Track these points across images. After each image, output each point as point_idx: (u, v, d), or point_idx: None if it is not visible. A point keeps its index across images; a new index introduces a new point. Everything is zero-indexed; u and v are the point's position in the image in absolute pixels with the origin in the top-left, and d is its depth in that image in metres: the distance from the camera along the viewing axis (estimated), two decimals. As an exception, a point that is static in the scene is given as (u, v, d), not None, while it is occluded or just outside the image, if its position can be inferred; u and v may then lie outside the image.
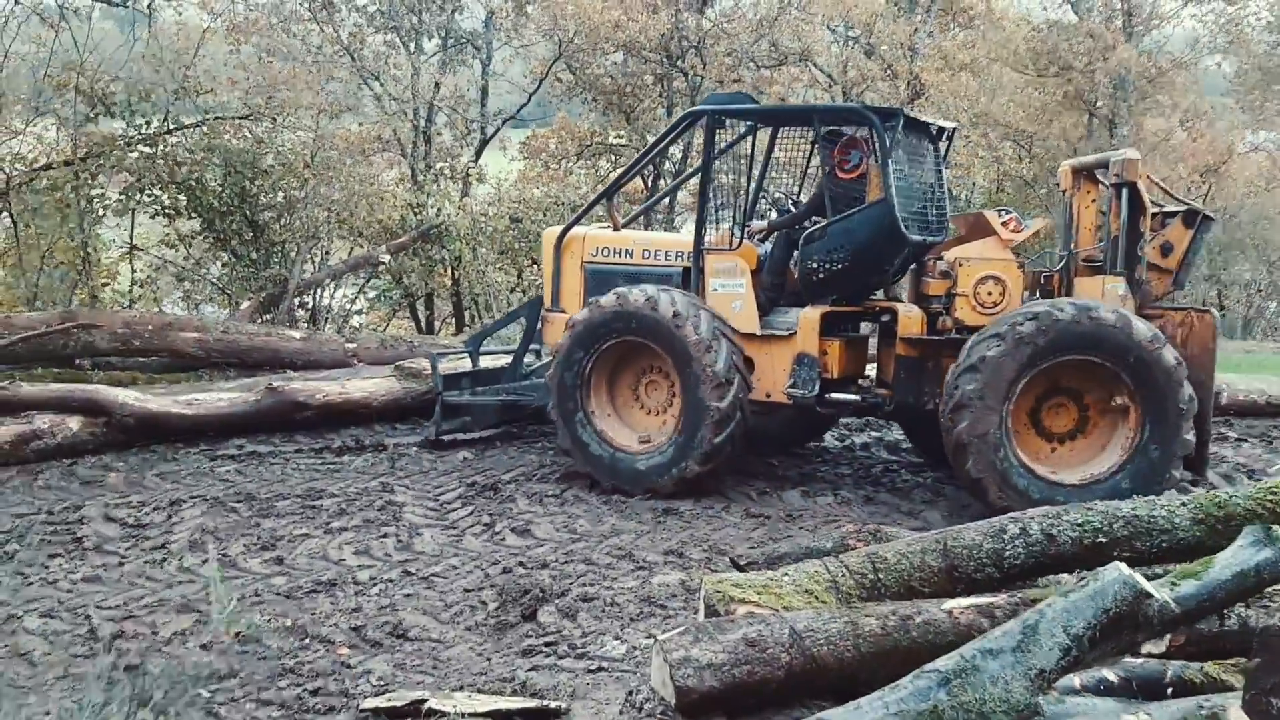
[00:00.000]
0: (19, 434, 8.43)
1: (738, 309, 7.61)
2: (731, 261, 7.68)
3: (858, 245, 7.36)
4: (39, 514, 7.07)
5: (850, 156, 7.53)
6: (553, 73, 23.19)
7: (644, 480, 7.38)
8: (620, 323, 7.47)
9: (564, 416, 7.66)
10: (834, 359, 7.52)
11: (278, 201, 16.21)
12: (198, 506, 7.18)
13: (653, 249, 8.16)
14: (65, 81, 15.37)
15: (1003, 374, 6.68)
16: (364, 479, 7.86)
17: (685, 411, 7.30)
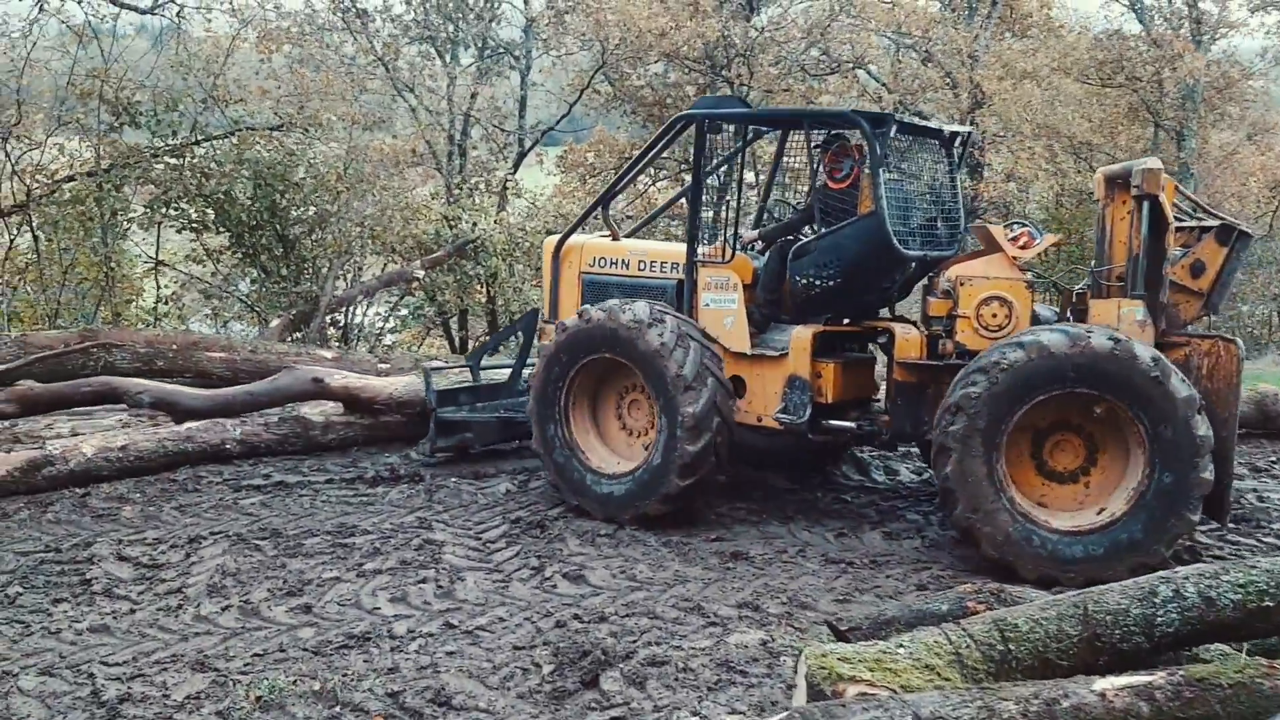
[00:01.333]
0: (30, 460, 7.95)
1: (729, 325, 7.26)
2: (724, 275, 7.33)
3: (849, 260, 7.00)
4: (46, 551, 6.58)
5: (841, 164, 7.17)
6: (591, 85, 22.76)
7: (628, 503, 7.01)
8: (588, 340, 7.17)
9: (544, 442, 7.41)
10: (829, 382, 7.09)
11: (309, 216, 15.82)
12: (219, 544, 6.67)
13: (648, 260, 7.84)
14: (89, 90, 15.10)
15: (989, 413, 6.12)
16: (399, 513, 7.32)
17: (660, 424, 6.93)
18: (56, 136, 15.63)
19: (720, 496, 7.70)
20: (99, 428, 9.42)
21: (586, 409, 7.49)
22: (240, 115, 16.14)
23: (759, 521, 7.20)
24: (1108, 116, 23.90)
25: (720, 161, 7.85)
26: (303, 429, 9.17)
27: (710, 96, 8.91)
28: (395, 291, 19.07)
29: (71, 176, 15.41)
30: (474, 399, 8.88)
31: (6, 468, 7.81)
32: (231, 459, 8.65)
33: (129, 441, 8.37)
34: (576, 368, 7.28)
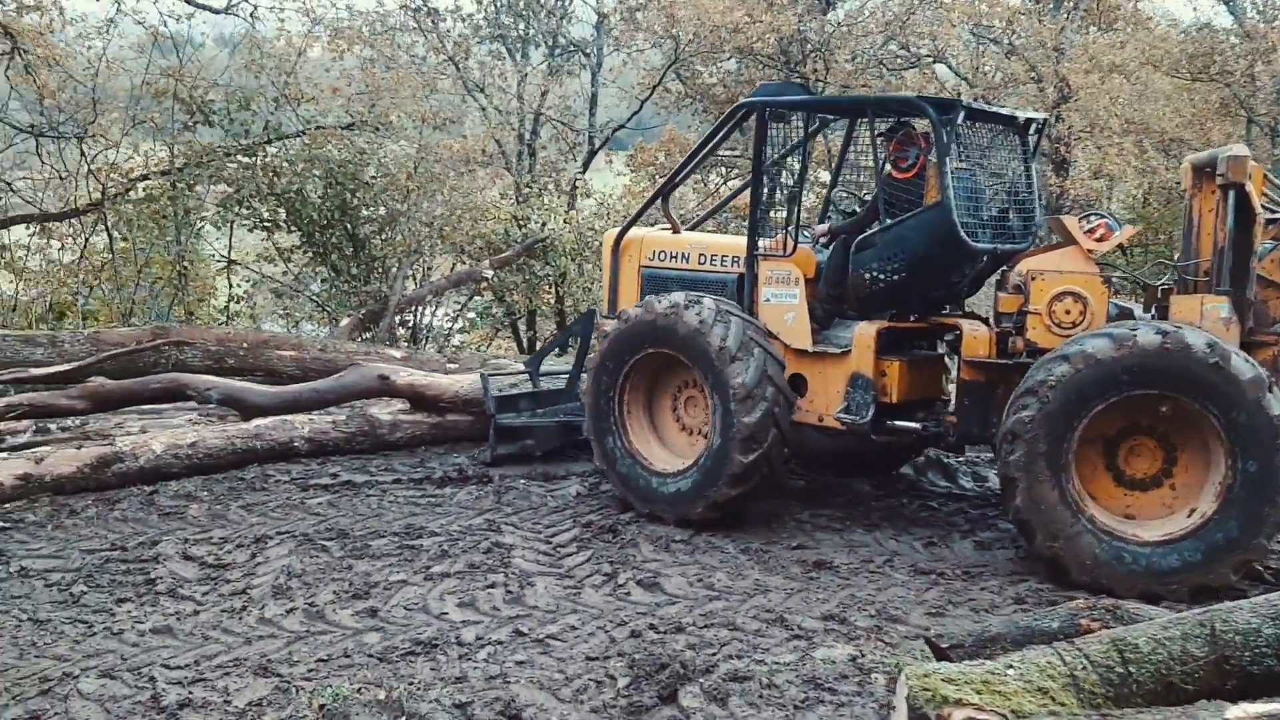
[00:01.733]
0: (99, 456, 7.93)
1: (790, 321, 7.04)
2: (785, 269, 7.10)
3: (913, 253, 6.72)
4: (112, 549, 6.51)
5: (906, 153, 6.92)
6: (662, 83, 22.53)
7: (676, 505, 6.87)
8: (648, 334, 7.02)
9: (597, 437, 7.29)
10: (893, 381, 6.82)
11: (379, 215, 15.79)
12: (285, 544, 6.55)
13: (709, 253, 7.64)
14: (164, 90, 15.24)
15: (1048, 435, 5.81)
16: (468, 515, 7.15)
17: (715, 429, 6.74)
18: (131, 136, 15.81)
19: (801, 502, 7.43)
20: (169, 426, 9.40)
21: (642, 402, 7.35)
22: (312, 115, 16.20)
23: (842, 529, 6.90)
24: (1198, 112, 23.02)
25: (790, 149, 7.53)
26: (370, 428, 9.10)
27: (772, 84, 8.58)
28: (464, 291, 19.01)
29: (145, 176, 15.59)
30: (534, 405, 8.78)
31: (76, 464, 7.80)
32: (299, 457, 8.59)
33: (198, 439, 8.35)
34: (633, 361, 7.14)
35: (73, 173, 15.81)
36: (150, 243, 15.47)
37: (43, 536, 6.81)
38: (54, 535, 6.84)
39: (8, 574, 6.10)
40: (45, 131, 15.96)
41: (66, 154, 16.38)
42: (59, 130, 15.90)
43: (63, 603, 5.69)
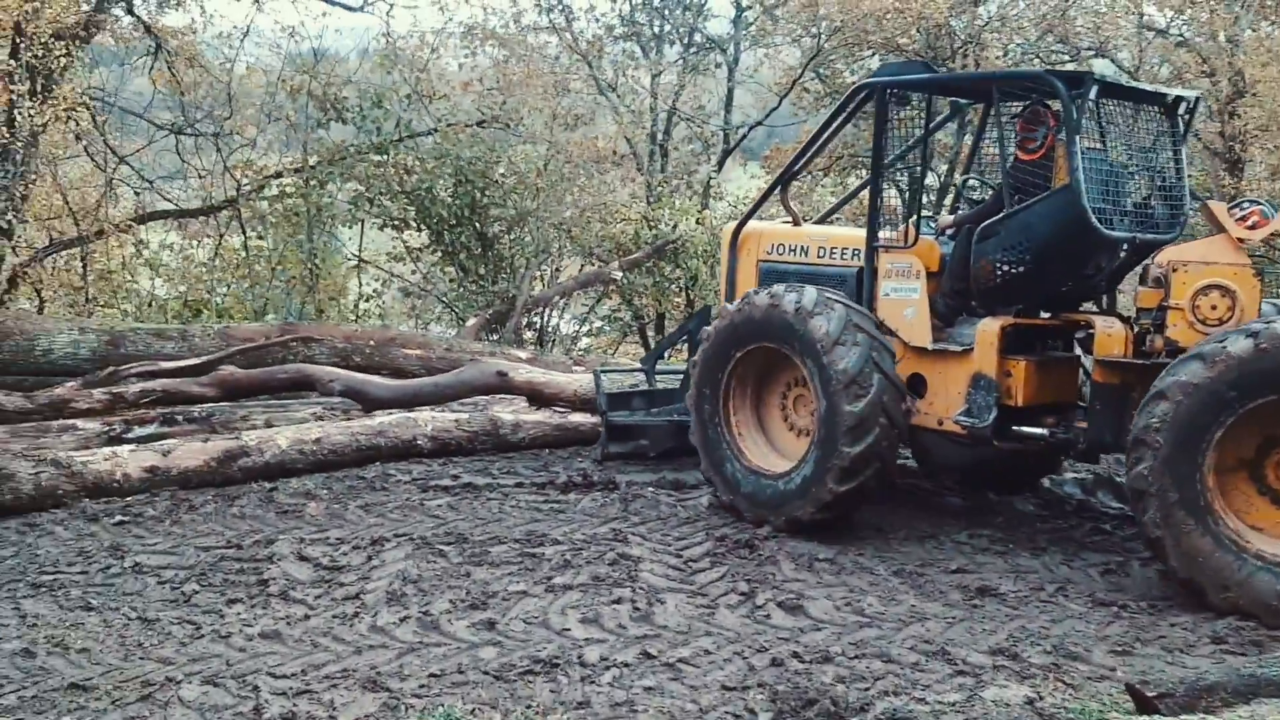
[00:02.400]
0: (226, 450, 7.88)
1: (909, 317, 6.70)
2: (906, 261, 6.75)
3: (1040, 241, 6.26)
4: (228, 547, 6.34)
5: (1035, 133, 6.45)
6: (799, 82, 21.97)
7: (781, 506, 6.52)
8: (751, 329, 6.74)
9: (701, 438, 7.07)
10: (1019, 382, 6.33)
11: (508, 214, 15.66)
12: (402, 547, 6.27)
13: (829, 246, 7.34)
14: (298, 87, 15.40)
15: (1202, 406, 5.20)
16: (592, 523, 6.77)
17: (820, 422, 6.37)
18: (266, 133, 16.05)
19: (958, 522, 6.86)
20: (293, 420, 9.33)
21: (749, 402, 7.08)
22: (443, 113, 16.18)
23: (1005, 552, 6.29)
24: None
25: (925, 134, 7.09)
26: (493, 428, 8.91)
27: (894, 63, 8.09)
28: (592, 294, 18.79)
29: (279, 173, 15.78)
30: (647, 404, 8.63)
31: (203, 458, 7.77)
32: (422, 456, 8.43)
33: (323, 434, 8.28)
34: (737, 357, 6.89)
35: (210, 170, 16.12)
36: (283, 241, 15.65)
37: (160, 531, 6.70)
38: (171, 530, 6.72)
39: (122, 569, 5.97)
40: (184, 129, 16.34)
41: (204, 152, 16.76)
42: (196, 128, 16.26)
43: (173, 601, 5.52)
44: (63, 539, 6.57)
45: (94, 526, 6.81)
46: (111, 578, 5.87)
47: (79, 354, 10.30)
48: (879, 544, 6.37)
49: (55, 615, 5.34)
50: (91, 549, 6.33)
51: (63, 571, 5.99)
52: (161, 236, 16.98)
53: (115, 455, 7.57)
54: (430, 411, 9.05)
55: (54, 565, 6.08)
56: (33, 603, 5.52)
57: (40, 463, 7.26)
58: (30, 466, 7.19)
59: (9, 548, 6.43)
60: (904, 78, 6.95)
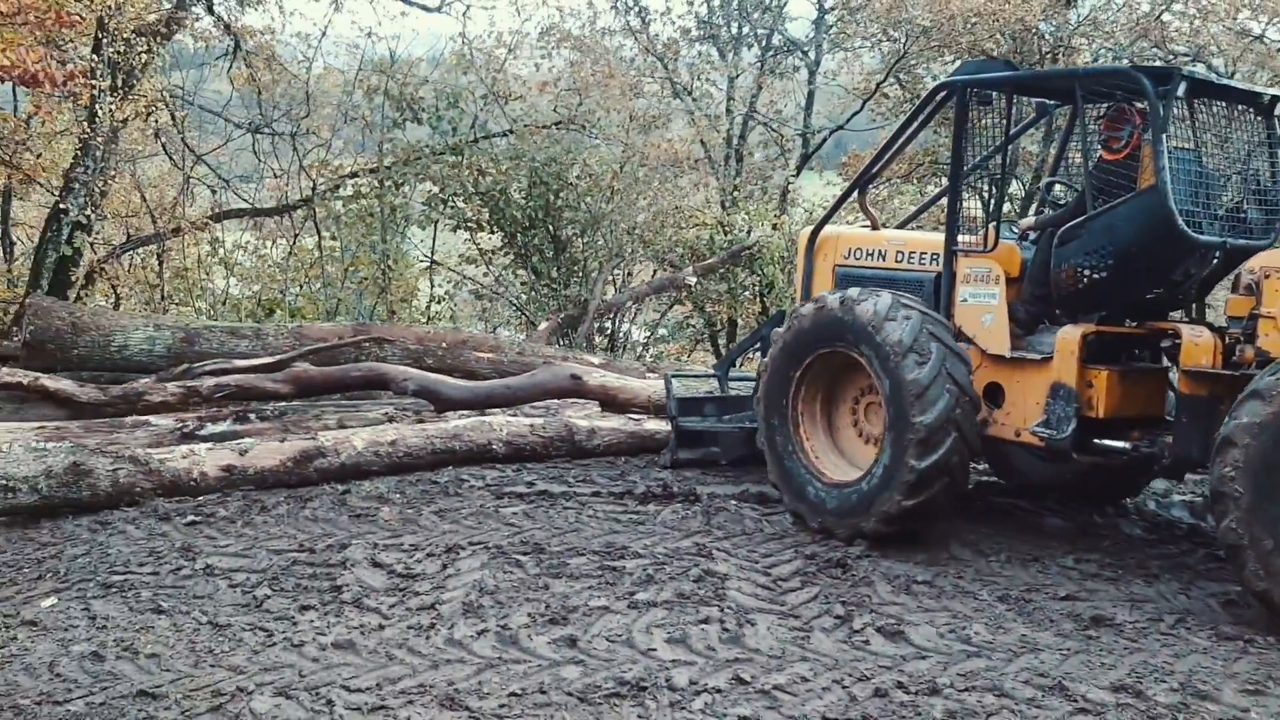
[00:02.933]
0: (302, 451, 7.77)
1: (987, 324, 6.50)
2: (985, 266, 6.56)
3: (1123, 245, 6.03)
4: (300, 551, 6.21)
5: (1120, 132, 6.22)
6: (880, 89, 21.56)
7: (845, 516, 6.37)
8: (823, 331, 6.58)
9: (769, 444, 6.90)
10: (1101, 393, 6.08)
11: (582, 216, 15.50)
12: (477, 556, 6.08)
13: (907, 250, 7.20)
14: (375, 87, 15.40)
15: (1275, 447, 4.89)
16: (674, 536, 6.53)
17: (889, 432, 6.17)
18: (342, 133, 16.09)
19: (1061, 544, 6.51)
20: (365, 421, 9.23)
21: (819, 408, 6.95)
22: (519, 114, 16.09)
23: (1116, 579, 5.93)
24: None
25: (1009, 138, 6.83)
26: (568, 433, 8.74)
27: (974, 61, 7.89)
28: (665, 300, 18.56)
29: (354, 173, 15.79)
30: (720, 409, 8.46)
31: (279, 457, 7.69)
32: (496, 461, 8.29)
33: (398, 437, 8.18)
34: (807, 361, 6.75)
35: (285, 170, 16.20)
36: (357, 241, 15.66)
37: (232, 533, 6.59)
38: (243, 532, 6.61)
39: (193, 571, 5.86)
40: (261, 128, 16.44)
41: (280, 152, 16.87)
42: (273, 128, 16.35)
43: (245, 606, 5.38)
44: (134, 538, 6.49)
45: (165, 526, 6.72)
46: (182, 580, 5.76)
47: (154, 350, 10.32)
48: (979, 566, 6.04)
49: (125, 617, 5.23)
50: (163, 549, 6.24)
51: (133, 572, 5.89)
52: (236, 236, 17.10)
53: (193, 453, 7.52)
54: (505, 416, 8.89)
55: (125, 565, 5.99)
56: (103, 603, 5.42)
57: (118, 459, 7.22)
58: (108, 463, 7.15)
59: (80, 545, 6.37)
60: (985, 76, 6.76)
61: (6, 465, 6.90)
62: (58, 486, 6.91)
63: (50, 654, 4.78)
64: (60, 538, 6.60)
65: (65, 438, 8.23)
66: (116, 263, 15.36)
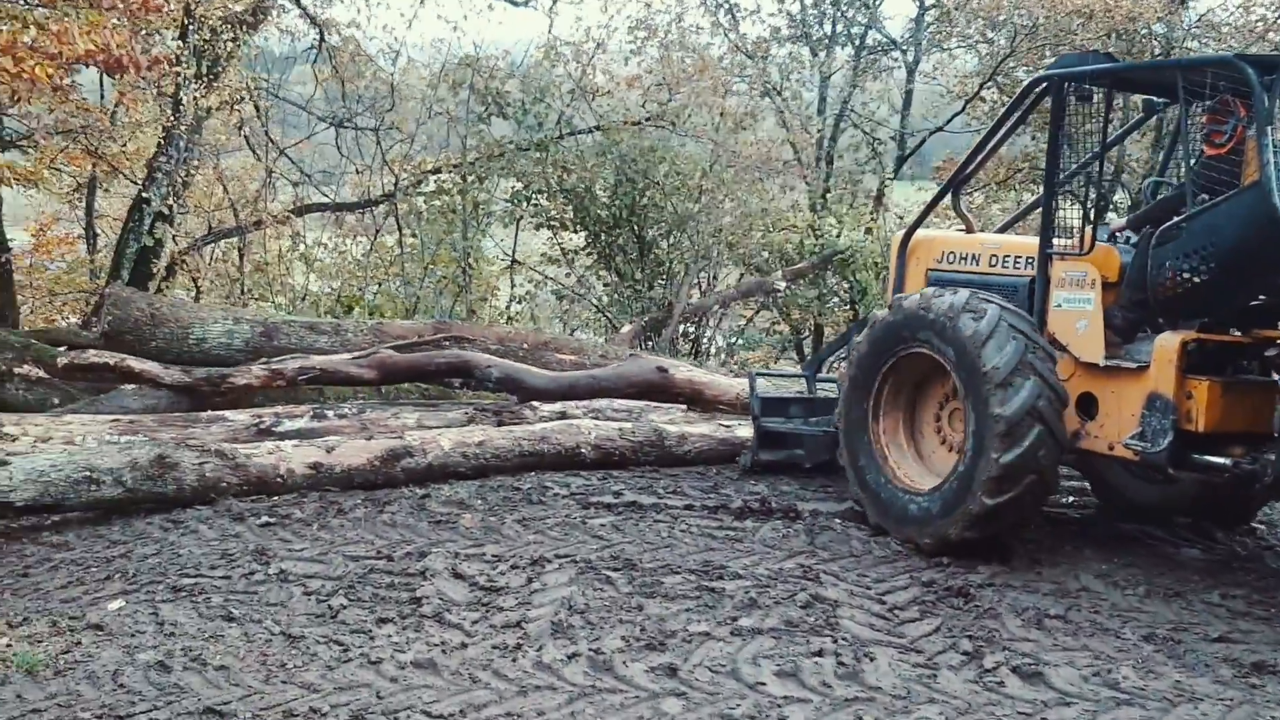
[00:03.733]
0: (390, 449, 7.57)
1: (1081, 330, 6.22)
2: (1081, 270, 6.27)
3: (1224, 245, 5.65)
4: (378, 558, 5.91)
5: (1223, 125, 5.85)
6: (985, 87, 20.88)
7: (928, 523, 6.14)
8: (902, 331, 6.44)
9: (851, 455, 6.77)
10: (1201, 405, 5.71)
11: (668, 216, 15.11)
12: (565, 570, 5.73)
13: (1001, 254, 6.97)
14: (460, 80, 15.20)
15: None
16: (776, 556, 6.11)
17: (970, 430, 5.97)
18: (426, 127, 15.92)
19: (1203, 578, 5.97)
20: (444, 420, 8.98)
21: (901, 415, 6.79)
22: (606, 110, 15.77)
23: (1269, 619, 5.38)
24: None
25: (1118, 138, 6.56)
26: (658, 439, 8.47)
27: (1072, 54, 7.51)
28: (751, 304, 18.12)
29: (437, 169, 15.61)
30: (806, 411, 8.27)
31: (366, 456, 7.49)
32: (584, 466, 8.07)
33: (485, 438, 7.99)
34: (887, 366, 6.63)
35: (369, 165, 16.08)
36: (438, 238, 15.47)
37: (307, 536, 6.33)
38: (319, 536, 6.35)
39: (266, 576, 5.60)
40: (344, 122, 16.35)
41: (363, 147, 16.77)
42: (356, 122, 16.25)
43: (319, 616, 5.10)
44: (206, 539, 6.26)
45: (239, 527, 6.49)
46: (255, 585, 5.50)
47: (232, 344, 10.14)
48: (1115, 600, 5.54)
49: (194, 624, 4.97)
50: (236, 551, 5.99)
51: (204, 575, 5.65)
52: (316, 233, 17.03)
53: (279, 449, 7.36)
54: (593, 420, 8.66)
55: (196, 567, 5.75)
56: (172, 608, 5.18)
57: (204, 453, 7.08)
58: (194, 457, 7.01)
59: (151, 545, 6.16)
60: (1083, 69, 6.38)
61: (91, 456, 6.78)
62: (142, 480, 6.77)
63: (115, 662, 4.54)
64: (131, 536, 6.41)
65: (139, 432, 8.08)
66: (198, 255, 15.35)
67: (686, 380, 9.51)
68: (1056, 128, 6.40)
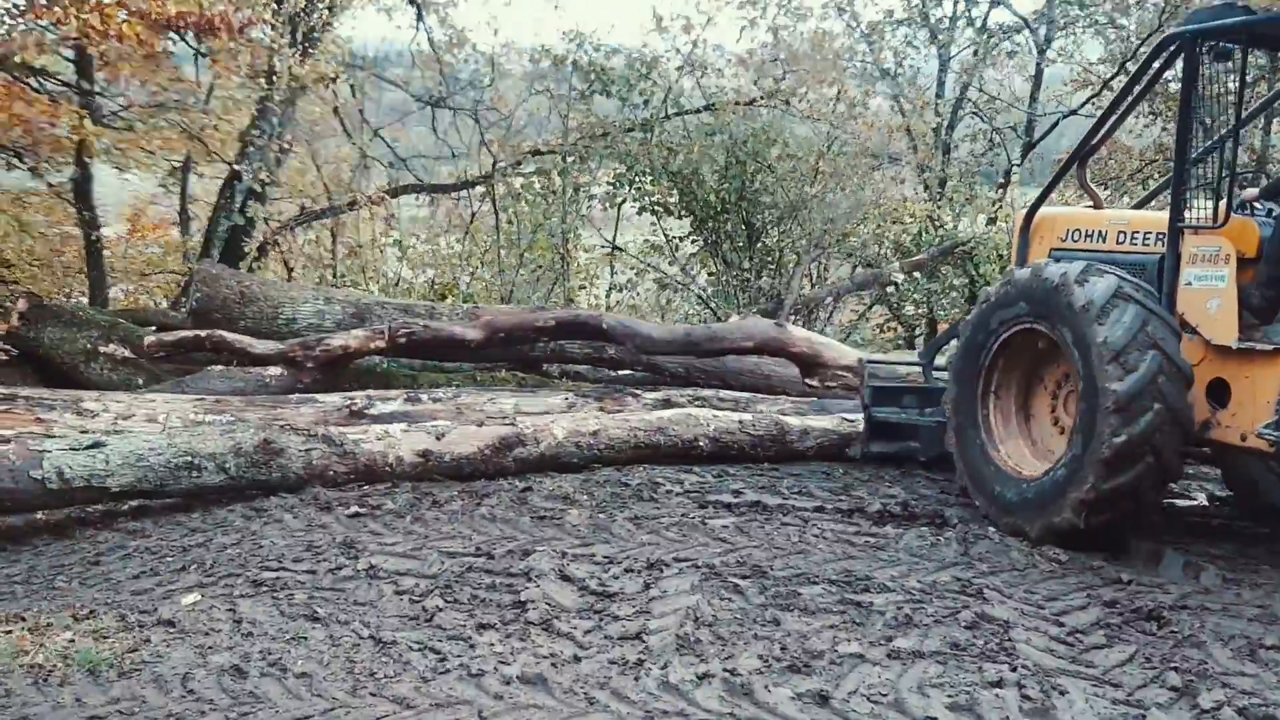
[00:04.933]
0: (502, 437, 7.17)
1: (1214, 310, 5.78)
2: (1214, 244, 5.83)
3: None
4: (477, 555, 5.40)
5: None
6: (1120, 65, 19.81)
7: (1035, 512, 5.83)
8: (1013, 306, 6.18)
9: (960, 438, 6.51)
10: None
11: (781, 201, 14.42)
12: (685, 576, 5.15)
13: (1129, 230, 6.59)
14: (562, 57, 14.73)
15: None
16: (927, 568, 5.45)
17: (1083, 408, 5.64)
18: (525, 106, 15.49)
19: None
20: (545, 407, 8.52)
21: (1013, 397, 6.50)
22: (715, 89, 15.16)
23: None
24: None
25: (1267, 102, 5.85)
26: (779, 433, 8.01)
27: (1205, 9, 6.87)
28: (864, 299, 17.36)
29: (537, 150, 15.16)
30: (921, 401, 7.86)
31: (477, 444, 7.12)
32: (700, 459, 7.66)
33: (600, 427, 7.61)
34: (998, 344, 6.33)
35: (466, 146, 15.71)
36: (536, 222, 15.01)
37: (399, 529, 5.86)
38: (412, 529, 5.87)
39: (355, 572, 5.12)
40: (440, 101, 16.00)
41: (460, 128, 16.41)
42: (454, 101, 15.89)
43: (413, 619, 4.60)
44: (291, 529, 5.82)
45: (326, 517, 6.04)
46: (342, 581, 5.03)
47: (323, 326, 9.79)
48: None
49: (275, 623, 4.51)
50: (322, 544, 5.54)
51: (287, 568, 5.20)
52: (412, 214, 16.72)
53: (388, 435, 6.99)
54: (712, 410, 8.18)
55: (279, 560, 5.31)
56: (251, 604, 4.72)
57: (310, 438, 6.72)
58: (300, 442, 6.65)
59: (232, 534, 5.74)
60: (1220, 22, 5.74)
61: (192, 440, 6.42)
62: (246, 466, 6.44)
63: (186, 663, 4.08)
64: (211, 524, 6.02)
65: (225, 411, 7.73)
66: (289, 236, 15.11)
67: (805, 338, 9.43)
68: (1189, 90, 5.91)
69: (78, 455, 5.95)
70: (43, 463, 5.83)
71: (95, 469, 5.96)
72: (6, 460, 5.78)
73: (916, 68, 21.12)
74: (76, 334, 9.77)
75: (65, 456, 5.92)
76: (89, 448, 6.02)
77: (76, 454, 5.95)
